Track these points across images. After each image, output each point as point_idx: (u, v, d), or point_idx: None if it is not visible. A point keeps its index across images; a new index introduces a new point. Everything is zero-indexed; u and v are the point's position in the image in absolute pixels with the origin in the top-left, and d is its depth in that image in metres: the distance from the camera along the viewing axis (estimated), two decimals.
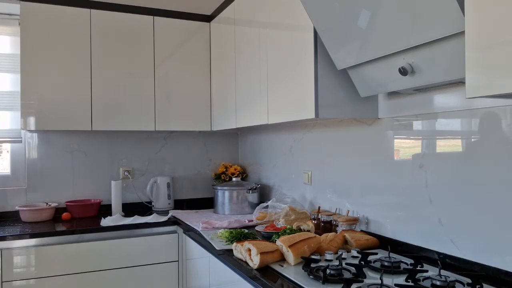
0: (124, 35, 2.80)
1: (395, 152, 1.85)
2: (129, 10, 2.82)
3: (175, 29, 2.95)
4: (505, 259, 1.37)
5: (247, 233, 2.06)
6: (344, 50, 1.66)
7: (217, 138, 3.39)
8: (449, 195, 1.58)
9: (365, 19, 1.47)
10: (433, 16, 1.26)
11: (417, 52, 1.40)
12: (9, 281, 2.25)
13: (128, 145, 3.12)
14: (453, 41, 1.27)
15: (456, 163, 1.55)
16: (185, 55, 2.98)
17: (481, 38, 1.02)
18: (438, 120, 1.64)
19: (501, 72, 0.98)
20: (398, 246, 1.78)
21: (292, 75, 1.97)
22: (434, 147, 1.66)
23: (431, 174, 1.66)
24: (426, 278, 1.41)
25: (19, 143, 2.84)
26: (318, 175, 2.39)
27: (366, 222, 2.01)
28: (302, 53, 1.87)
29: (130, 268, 2.46)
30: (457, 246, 1.54)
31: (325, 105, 1.80)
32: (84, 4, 2.70)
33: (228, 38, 2.75)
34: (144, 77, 2.85)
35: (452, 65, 1.32)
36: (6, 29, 2.83)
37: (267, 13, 2.22)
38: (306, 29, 1.82)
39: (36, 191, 2.85)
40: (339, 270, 1.46)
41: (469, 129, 1.51)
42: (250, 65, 2.43)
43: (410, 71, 1.45)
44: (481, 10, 1.01)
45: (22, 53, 2.56)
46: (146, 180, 3.12)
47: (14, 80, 2.80)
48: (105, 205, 2.95)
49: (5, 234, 2.28)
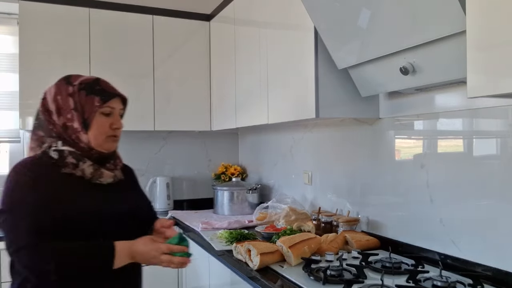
0: (123, 35, 2.79)
1: (396, 152, 1.84)
2: (128, 9, 2.81)
3: (175, 29, 2.94)
4: (505, 259, 1.36)
5: (247, 234, 2.05)
6: (344, 50, 1.65)
7: (217, 138, 3.38)
8: (450, 195, 1.57)
9: (365, 18, 1.46)
10: (435, 15, 1.25)
11: (418, 52, 1.39)
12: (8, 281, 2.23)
13: (127, 145, 3.10)
14: (454, 41, 1.26)
15: (457, 163, 1.55)
16: (184, 54, 2.97)
17: (483, 37, 1.01)
18: (439, 120, 1.63)
19: (503, 72, 0.97)
20: (399, 247, 1.77)
21: (292, 74, 1.96)
22: (436, 147, 1.66)
23: (432, 174, 1.65)
24: (427, 279, 1.40)
25: (17, 143, 2.83)
26: (319, 175, 2.38)
27: (366, 222, 2.00)
28: (303, 52, 1.86)
29: None
30: (458, 246, 1.53)
31: (326, 105, 1.79)
32: (83, 3, 2.69)
33: (228, 37, 2.74)
34: (143, 76, 2.84)
35: (454, 64, 1.31)
36: (4, 28, 2.82)
37: (267, 12, 2.22)
38: (306, 29, 1.81)
39: None
40: (340, 271, 1.46)
41: (470, 129, 1.51)
42: (250, 65, 2.42)
43: (411, 71, 1.44)
44: (483, 9, 1.01)
45: (21, 53, 2.55)
46: (145, 180, 3.10)
47: (12, 80, 2.79)
48: None
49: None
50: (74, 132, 1.18)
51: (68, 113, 1.19)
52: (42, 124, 1.22)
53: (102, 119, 1.21)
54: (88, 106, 1.19)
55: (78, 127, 1.18)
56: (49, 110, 1.21)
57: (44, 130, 1.21)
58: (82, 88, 1.20)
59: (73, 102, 1.19)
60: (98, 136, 1.20)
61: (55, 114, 1.20)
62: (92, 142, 1.19)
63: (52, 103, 1.21)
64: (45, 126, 1.21)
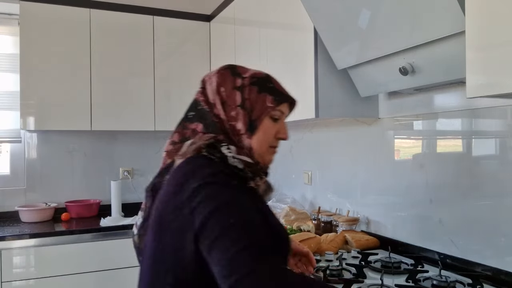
0: (124, 35, 2.80)
1: (395, 152, 1.85)
2: (128, 9, 2.81)
3: (175, 29, 2.95)
4: (505, 259, 1.37)
5: None
6: (344, 50, 1.66)
7: None
8: (449, 195, 1.57)
9: (365, 19, 1.47)
10: (434, 16, 1.25)
11: (418, 52, 1.39)
12: (8, 281, 2.24)
13: (127, 145, 3.11)
14: (453, 41, 1.26)
15: (456, 163, 1.55)
16: (185, 55, 2.98)
17: (482, 37, 1.01)
18: (439, 120, 1.63)
19: (502, 72, 0.97)
20: (399, 246, 1.78)
21: (292, 75, 1.96)
22: (435, 147, 1.66)
23: (431, 174, 1.65)
24: (427, 279, 1.40)
25: (18, 143, 2.84)
26: (318, 175, 2.38)
27: (366, 222, 2.00)
28: (302, 53, 1.86)
29: (129, 268, 2.45)
30: (457, 246, 1.53)
31: (325, 105, 1.80)
32: (84, 4, 2.70)
33: (228, 37, 2.75)
34: (143, 77, 2.85)
35: (453, 65, 1.31)
36: (5, 29, 2.83)
37: (267, 12, 2.22)
38: (306, 29, 1.82)
39: (36, 191, 2.85)
40: (340, 270, 1.46)
41: (469, 129, 1.51)
42: (250, 65, 2.40)
43: (410, 71, 1.45)
44: (482, 9, 1.01)
45: (22, 53, 2.55)
46: (145, 180, 3.11)
47: (13, 80, 2.80)
48: (105, 205, 2.93)
49: (5, 234, 2.27)
50: (236, 133, 0.96)
51: (233, 110, 0.96)
52: (202, 116, 0.98)
53: (269, 124, 0.99)
54: (259, 105, 0.97)
55: (241, 128, 0.95)
56: (209, 102, 0.98)
57: (207, 124, 0.96)
58: (254, 83, 0.99)
59: (241, 98, 0.96)
60: (262, 143, 0.98)
61: (218, 108, 0.97)
62: (254, 150, 0.96)
63: (214, 94, 0.98)
64: (208, 119, 0.96)
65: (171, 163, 0.94)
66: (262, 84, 0.99)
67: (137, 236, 0.98)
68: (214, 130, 0.95)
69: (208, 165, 0.87)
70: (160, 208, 0.87)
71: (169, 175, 0.91)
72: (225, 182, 0.84)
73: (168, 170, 0.93)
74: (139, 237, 0.98)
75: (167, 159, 0.97)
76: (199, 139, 0.92)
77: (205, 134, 0.94)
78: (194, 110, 1.01)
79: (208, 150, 0.89)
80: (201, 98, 1.00)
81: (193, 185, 0.81)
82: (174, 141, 0.99)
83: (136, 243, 0.99)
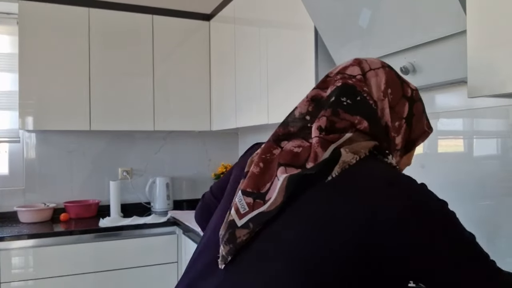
0: (123, 34, 2.79)
1: None
2: (128, 9, 2.80)
3: (174, 28, 2.94)
4: (506, 260, 1.36)
5: None
6: (345, 49, 1.65)
7: (216, 138, 3.37)
8: (450, 195, 1.55)
9: (366, 18, 1.46)
10: (435, 15, 1.25)
11: (419, 52, 1.38)
12: (7, 282, 2.23)
13: (126, 145, 3.10)
14: (454, 41, 1.25)
15: (457, 163, 1.54)
16: (184, 54, 2.97)
17: (483, 37, 1.01)
18: (440, 120, 1.63)
19: (503, 71, 0.96)
20: None
21: (292, 74, 1.96)
22: (436, 147, 1.65)
23: (432, 174, 1.64)
24: None
25: (17, 143, 2.83)
26: None
27: None
28: (303, 52, 1.85)
29: (129, 269, 2.45)
30: None
31: None
32: (83, 3, 2.69)
33: (228, 37, 2.74)
34: (143, 76, 2.84)
35: (454, 64, 1.30)
36: (4, 28, 2.82)
37: (267, 11, 2.21)
38: (306, 28, 1.81)
39: (34, 192, 2.84)
40: None
41: (470, 129, 1.50)
42: (250, 64, 2.41)
43: (411, 71, 1.44)
44: (483, 9, 1.00)
45: (20, 53, 2.54)
46: (145, 180, 3.10)
47: (12, 80, 2.79)
48: (104, 205, 2.92)
49: (3, 235, 2.27)
50: (393, 148, 0.80)
51: (397, 121, 0.80)
52: (367, 112, 0.76)
53: (414, 150, 0.87)
54: (420, 126, 0.85)
55: (399, 144, 0.80)
56: (374, 100, 0.78)
57: (375, 126, 0.76)
58: (420, 100, 0.86)
59: (408, 111, 0.82)
60: (403, 168, 0.87)
61: (386, 113, 0.79)
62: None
63: (381, 93, 0.79)
64: (376, 120, 0.76)
65: (336, 155, 0.70)
66: (423, 104, 0.87)
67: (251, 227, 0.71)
68: (378, 135, 0.76)
69: (418, 184, 0.80)
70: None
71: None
72: (434, 197, 0.79)
73: (330, 163, 0.70)
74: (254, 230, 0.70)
75: (320, 149, 0.72)
76: (363, 140, 0.74)
77: (366, 134, 0.74)
78: (351, 98, 0.77)
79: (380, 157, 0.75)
80: (364, 88, 0.78)
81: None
82: (321, 126, 0.74)
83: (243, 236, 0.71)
